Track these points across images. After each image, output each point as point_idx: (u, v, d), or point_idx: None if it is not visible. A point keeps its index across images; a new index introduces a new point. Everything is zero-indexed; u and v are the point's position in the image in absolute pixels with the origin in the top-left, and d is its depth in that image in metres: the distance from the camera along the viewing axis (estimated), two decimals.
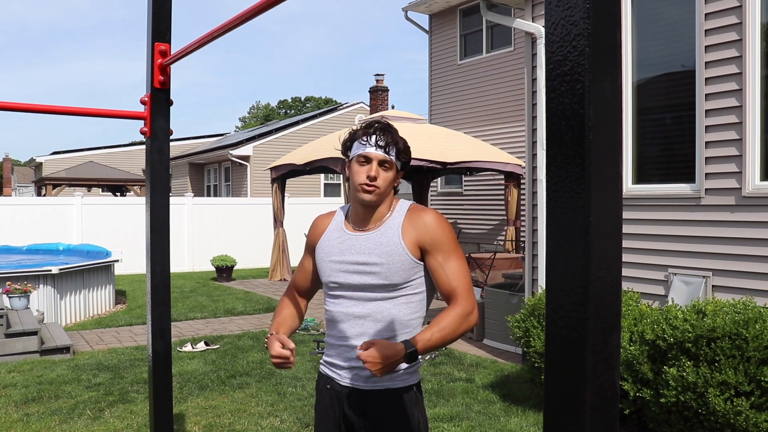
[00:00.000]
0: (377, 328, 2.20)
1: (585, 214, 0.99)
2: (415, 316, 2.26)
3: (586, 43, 1.00)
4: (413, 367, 2.25)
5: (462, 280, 2.20)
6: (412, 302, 2.25)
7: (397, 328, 2.21)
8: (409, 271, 2.20)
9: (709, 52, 5.08)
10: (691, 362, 4.04)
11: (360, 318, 2.20)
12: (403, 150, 2.31)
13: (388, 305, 2.20)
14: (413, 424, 2.20)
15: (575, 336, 1.01)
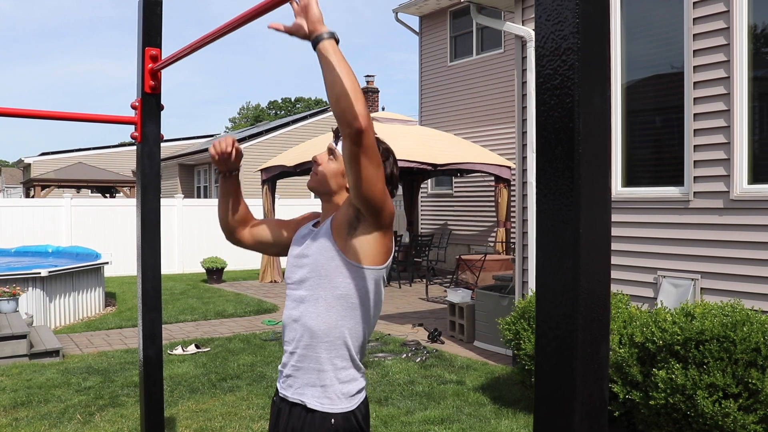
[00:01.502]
0: (301, 334, 2.02)
1: (574, 227, 1.00)
2: (339, 326, 1.99)
3: (576, 58, 1.01)
4: (338, 388, 1.99)
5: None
6: (336, 307, 1.99)
7: (319, 336, 1.99)
8: (335, 262, 1.98)
9: (697, 56, 5.11)
10: (680, 364, 4.07)
11: (294, 321, 2.05)
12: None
13: (312, 308, 2.00)
14: None
15: (565, 347, 1.02)
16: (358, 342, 2.03)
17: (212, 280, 13.96)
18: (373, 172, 1.85)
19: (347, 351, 2.00)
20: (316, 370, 1.99)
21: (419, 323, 8.92)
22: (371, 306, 2.05)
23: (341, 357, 2.00)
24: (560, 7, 1.03)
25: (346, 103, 1.76)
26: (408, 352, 7.12)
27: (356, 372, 2.03)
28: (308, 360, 2.01)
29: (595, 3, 1.04)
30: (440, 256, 15.23)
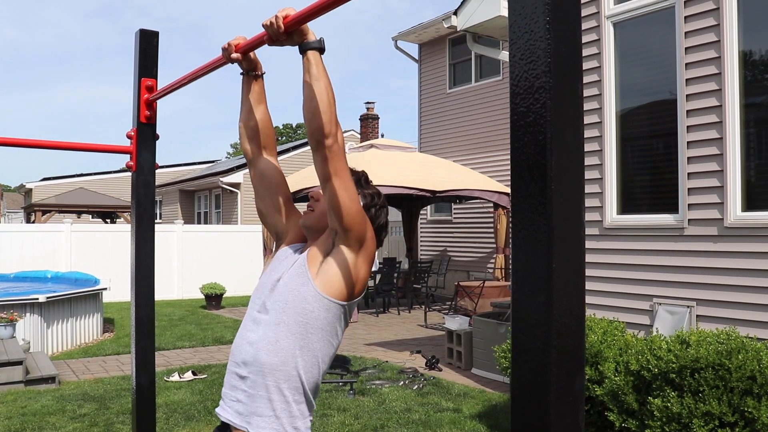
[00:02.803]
0: (255, 358, 1.95)
1: (548, 262, 1.02)
2: (296, 356, 1.93)
3: (548, 96, 1.04)
4: (288, 422, 1.93)
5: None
6: (296, 336, 1.93)
7: (275, 365, 1.93)
8: (305, 289, 1.95)
9: (690, 84, 5.17)
10: (676, 393, 4.06)
11: (250, 345, 1.98)
12: (355, 181, 2.09)
13: (272, 334, 1.94)
14: None
15: (539, 380, 1.03)
16: (312, 378, 1.97)
17: (211, 306, 13.94)
18: (345, 194, 1.87)
19: (301, 385, 1.94)
20: (268, 399, 1.92)
21: (417, 350, 8.89)
22: (330, 341, 1.99)
23: (295, 390, 1.93)
24: (533, 46, 1.05)
25: (319, 119, 1.83)
26: (405, 379, 7.09)
27: (307, 409, 1.97)
28: (260, 388, 1.93)
29: (567, 42, 1.07)
30: (439, 282, 15.21)
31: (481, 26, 6.72)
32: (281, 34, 1.83)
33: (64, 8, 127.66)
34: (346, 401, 6.23)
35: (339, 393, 6.56)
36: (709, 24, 5.02)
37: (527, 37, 1.06)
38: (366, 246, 1.97)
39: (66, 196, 22.82)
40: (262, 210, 2.26)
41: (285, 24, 1.81)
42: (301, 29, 1.84)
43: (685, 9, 5.19)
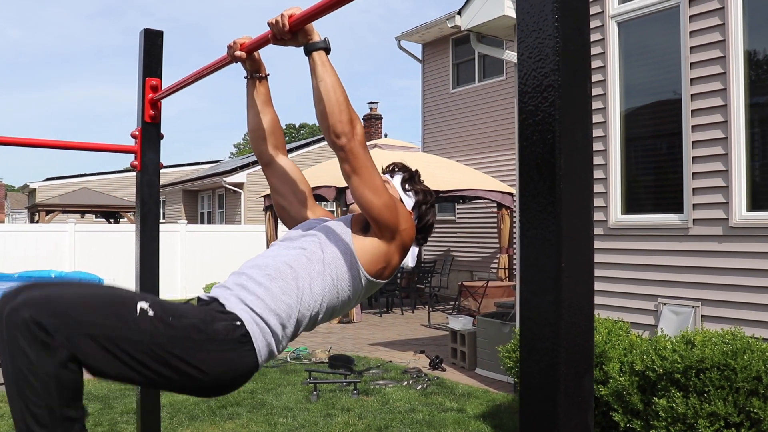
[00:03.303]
0: (272, 264, 1.87)
1: (557, 261, 1.02)
2: (308, 284, 1.85)
3: (557, 95, 1.03)
4: (266, 316, 1.78)
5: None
6: (316, 268, 1.87)
7: (284, 278, 1.84)
8: (343, 239, 1.93)
9: (694, 84, 5.15)
10: (681, 393, 4.05)
11: (270, 257, 1.92)
12: (408, 179, 2.17)
13: (294, 254, 1.89)
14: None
15: (548, 380, 1.03)
16: (308, 311, 1.85)
17: None
18: (367, 190, 1.86)
19: (296, 309, 1.83)
20: (265, 289, 1.80)
21: (421, 350, 8.88)
22: (337, 298, 1.91)
23: (288, 305, 1.82)
24: (541, 45, 1.05)
25: (329, 119, 1.83)
26: (409, 379, 7.08)
27: (282, 328, 1.82)
28: (261, 280, 1.82)
29: (575, 40, 1.06)
30: (443, 282, 15.20)
31: (485, 26, 6.71)
32: (286, 33, 1.83)
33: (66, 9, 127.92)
34: (350, 401, 6.23)
35: (343, 393, 6.56)
36: (714, 23, 5.01)
37: (535, 36, 1.06)
38: (399, 238, 1.95)
39: (70, 196, 22.86)
40: (285, 206, 2.22)
41: (290, 23, 1.81)
42: (305, 29, 1.84)
43: (689, 8, 5.18)
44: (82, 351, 1.53)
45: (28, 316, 1.48)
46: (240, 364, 1.71)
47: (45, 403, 1.49)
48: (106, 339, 1.55)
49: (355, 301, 1.99)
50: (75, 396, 1.56)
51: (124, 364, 1.57)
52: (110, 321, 1.56)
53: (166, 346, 1.59)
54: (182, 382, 1.64)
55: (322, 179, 11.42)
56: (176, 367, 1.61)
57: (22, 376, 1.48)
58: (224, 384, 1.71)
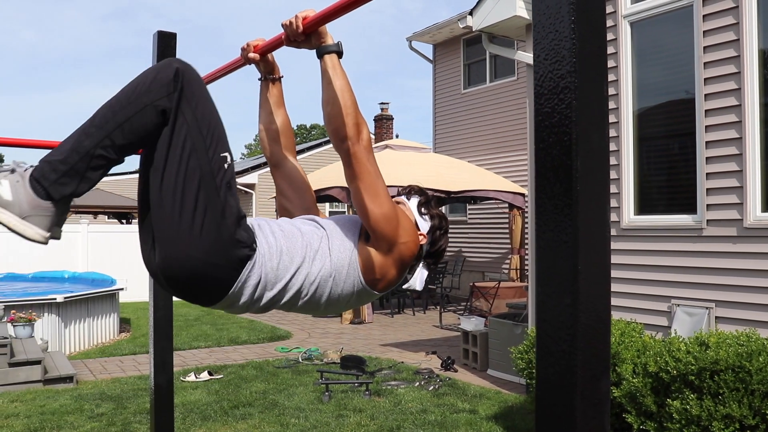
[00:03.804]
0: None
1: (573, 263, 1.01)
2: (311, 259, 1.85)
3: (573, 96, 1.03)
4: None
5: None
6: (322, 255, 1.87)
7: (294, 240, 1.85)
8: (351, 237, 1.93)
9: (708, 84, 5.12)
10: (695, 395, 4.03)
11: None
12: (424, 203, 2.11)
13: (309, 228, 1.92)
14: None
15: (565, 383, 1.03)
16: (294, 286, 1.83)
17: None
18: (367, 197, 1.84)
19: (289, 276, 1.81)
20: (275, 247, 1.80)
21: (433, 351, 8.87)
22: (329, 289, 1.88)
23: (284, 270, 1.80)
24: (558, 46, 1.05)
25: (335, 123, 1.83)
26: (421, 380, 7.08)
27: (265, 288, 1.79)
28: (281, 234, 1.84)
29: (592, 42, 1.06)
30: (454, 283, 15.18)
31: (497, 26, 6.69)
32: (299, 34, 1.84)
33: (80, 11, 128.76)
34: (362, 402, 6.23)
35: (355, 393, 6.56)
36: (728, 23, 4.98)
37: (552, 37, 1.05)
38: (396, 251, 1.91)
39: (82, 197, 22.95)
40: (289, 209, 2.21)
41: (304, 25, 1.81)
42: (319, 32, 1.85)
43: (703, 8, 5.15)
44: (176, 120, 1.64)
45: (179, 65, 1.66)
46: (220, 269, 1.69)
47: (112, 123, 1.61)
48: (195, 133, 1.66)
49: (342, 303, 1.94)
50: (127, 143, 1.65)
51: (176, 158, 1.65)
52: (209, 130, 1.68)
53: (208, 189, 1.66)
54: (173, 217, 1.65)
55: (332, 180, 11.43)
56: (195, 204, 1.65)
57: (124, 95, 1.64)
58: (189, 269, 1.67)
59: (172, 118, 1.64)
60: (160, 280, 1.76)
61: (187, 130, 1.65)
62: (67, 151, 1.61)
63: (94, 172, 1.65)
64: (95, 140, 1.61)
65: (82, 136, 1.62)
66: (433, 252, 2.09)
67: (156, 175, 1.66)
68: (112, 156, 1.64)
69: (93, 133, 1.62)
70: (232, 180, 1.72)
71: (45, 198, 1.62)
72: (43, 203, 1.62)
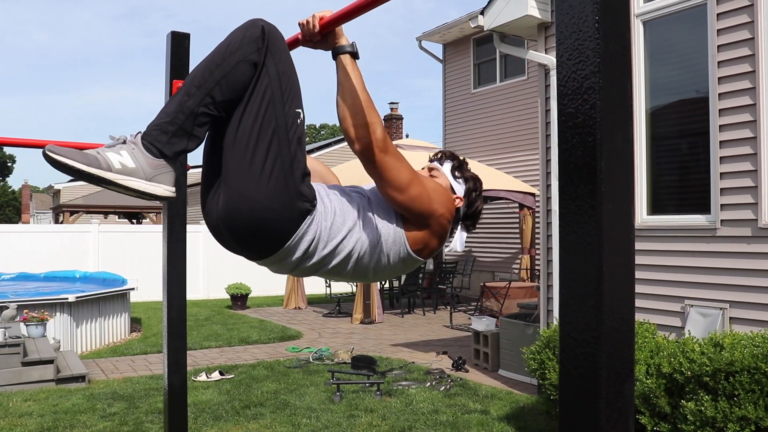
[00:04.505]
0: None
1: (598, 266, 1.00)
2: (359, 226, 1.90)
3: (597, 97, 1.02)
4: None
5: None
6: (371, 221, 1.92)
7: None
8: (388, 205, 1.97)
9: (722, 83, 5.09)
10: (710, 396, 4.00)
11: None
12: (458, 167, 2.14)
13: (357, 198, 1.97)
14: None
15: (589, 386, 1.02)
16: (347, 247, 1.88)
17: (236, 306, 14.02)
18: (395, 192, 1.87)
19: (342, 237, 1.87)
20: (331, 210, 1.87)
21: (443, 351, 8.86)
22: (377, 253, 1.93)
23: (338, 230, 1.87)
24: (581, 46, 1.04)
25: (346, 123, 1.84)
26: (432, 380, 7.07)
27: (323, 246, 1.85)
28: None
29: (616, 41, 1.05)
30: (464, 283, 15.16)
31: (508, 26, 6.67)
32: (315, 34, 1.84)
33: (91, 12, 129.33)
34: (374, 402, 6.23)
35: (366, 394, 6.56)
36: (742, 21, 4.94)
37: (575, 37, 1.04)
38: (434, 224, 1.96)
39: (93, 197, 23.08)
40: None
41: (320, 24, 1.81)
42: (335, 32, 1.85)
43: (717, 6, 5.11)
44: (260, 73, 1.75)
45: (264, 24, 1.77)
46: (282, 219, 1.77)
47: (211, 82, 1.72)
48: (275, 86, 1.77)
49: (389, 271, 2.00)
50: (226, 99, 1.74)
51: (255, 107, 1.75)
52: (288, 85, 1.79)
53: (280, 140, 1.75)
54: (243, 163, 1.74)
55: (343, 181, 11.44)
56: (267, 152, 1.74)
57: (218, 54, 1.74)
58: (252, 214, 1.75)
59: (258, 71, 1.75)
60: (219, 231, 1.84)
61: (269, 81, 1.75)
62: (173, 112, 1.72)
63: (200, 129, 1.74)
64: (197, 99, 1.70)
65: (185, 97, 1.72)
66: (470, 214, 2.15)
67: (233, 121, 1.75)
68: (214, 112, 1.74)
69: (194, 93, 1.71)
70: (303, 136, 1.81)
71: (160, 157, 1.72)
72: (160, 163, 1.73)
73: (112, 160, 1.68)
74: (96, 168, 1.65)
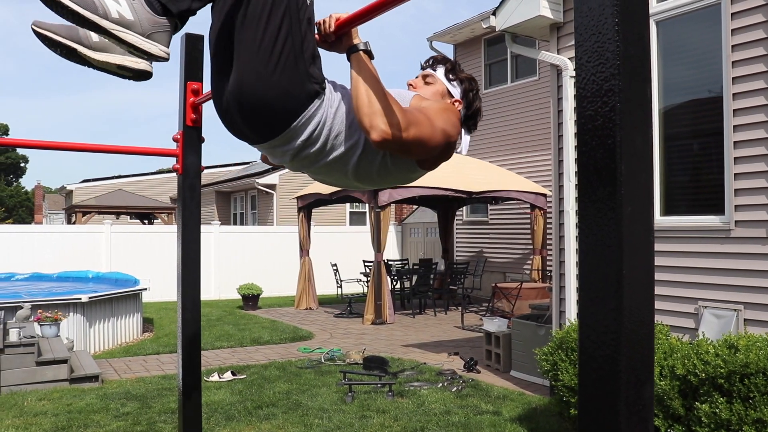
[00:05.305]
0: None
1: (617, 268, 1.00)
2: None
3: (617, 99, 1.02)
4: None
5: None
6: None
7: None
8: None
9: (736, 83, 5.06)
10: (724, 398, 3.97)
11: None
12: (450, 69, 2.13)
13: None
14: None
15: (608, 389, 1.01)
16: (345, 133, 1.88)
17: (248, 306, 14.06)
18: (418, 155, 1.87)
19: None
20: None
21: (455, 352, 8.85)
22: (379, 167, 1.94)
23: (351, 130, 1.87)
24: (601, 48, 1.04)
25: (359, 114, 1.77)
26: (444, 381, 7.06)
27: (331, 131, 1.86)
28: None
29: (636, 44, 1.05)
30: (476, 283, 15.14)
31: (520, 26, 6.66)
32: (331, 34, 1.85)
33: None
34: (385, 403, 6.23)
35: (378, 394, 6.56)
36: (757, 20, 4.91)
37: (595, 39, 1.04)
38: (443, 149, 1.97)
39: (105, 198, 23.20)
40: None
41: (336, 25, 1.82)
42: (350, 33, 1.85)
43: (732, 5, 5.08)
44: None
45: None
46: (291, 97, 1.75)
47: None
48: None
49: (393, 175, 1.99)
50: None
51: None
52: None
53: (292, 18, 1.72)
54: (255, 38, 1.70)
55: None
56: (279, 29, 1.70)
57: None
58: (262, 91, 1.73)
59: None
60: (227, 110, 1.82)
61: None
62: None
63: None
64: None
65: None
66: (470, 114, 2.16)
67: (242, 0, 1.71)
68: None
69: None
70: (312, 17, 1.78)
71: (162, 14, 1.68)
72: (160, 20, 1.69)
73: (109, 7, 1.61)
74: (91, 12, 1.58)
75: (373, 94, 1.78)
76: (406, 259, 16.84)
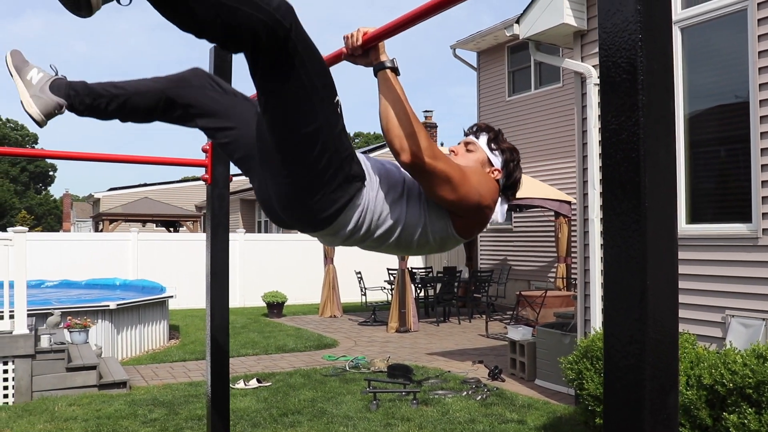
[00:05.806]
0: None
1: (642, 279, 1.03)
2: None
3: (641, 114, 1.04)
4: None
5: None
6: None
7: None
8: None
9: (763, 89, 5.02)
10: (753, 409, 3.94)
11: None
12: (494, 139, 2.17)
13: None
14: None
15: (633, 397, 1.03)
16: (389, 221, 1.96)
17: (272, 314, 14.14)
18: (442, 192, 1.90)
19: (392, 216, 1.96)
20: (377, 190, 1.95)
21: (479, 360, 8.84)
22: (420, 227, 2.01)
23: (387, 208, 1.95)
24: (625, 63, 1.06)
25: (389, 136, 1.84)
26: (468, 389, 7.06)
27: (369, 224, 1.94)
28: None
29: (659, 59, 1.07)
30: (500, 292, 15.08)
31: (544, 34, 6.67)
32: (358, 48, 1.88)
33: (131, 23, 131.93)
34: (410, 411, 6.24)
35: (402, 403, 6.58)
36: None
37: (619, 55, 1.07)
38: (478, 215, 2.02)
39: (132, 206, 23.51)
40: None
41: (364, 39, 1.85)
42: (377, 48, 1.89)
43: (758, 11, 5.05)
44: (298, 71, 1.73)
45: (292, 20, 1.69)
46: (334, 198, 1.86)
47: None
48: (313, 84, 1.76)
49: (432, 245, 2.05)
50: (231, 37, 1.67)
51: (299, 106, 1.76)
52: (321, 73, 1.79)
53: (328, 137, 1.80)
54: (297, 156, 1.79)
55: None
56: (319, 153, 1.79)
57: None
58: (306, 198, 1.85)
59: (292, 66, 1.71)
60: (271, 207, 1.97)
61: (306, 78, 1.74)
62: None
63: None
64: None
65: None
66: (509, 185, 2.18)
67: (276, 117, 1.78)
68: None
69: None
70: (343, 122, 1.87)
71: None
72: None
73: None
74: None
75: (402, 115, 1.83)
76: (430, 267, 16.83)
